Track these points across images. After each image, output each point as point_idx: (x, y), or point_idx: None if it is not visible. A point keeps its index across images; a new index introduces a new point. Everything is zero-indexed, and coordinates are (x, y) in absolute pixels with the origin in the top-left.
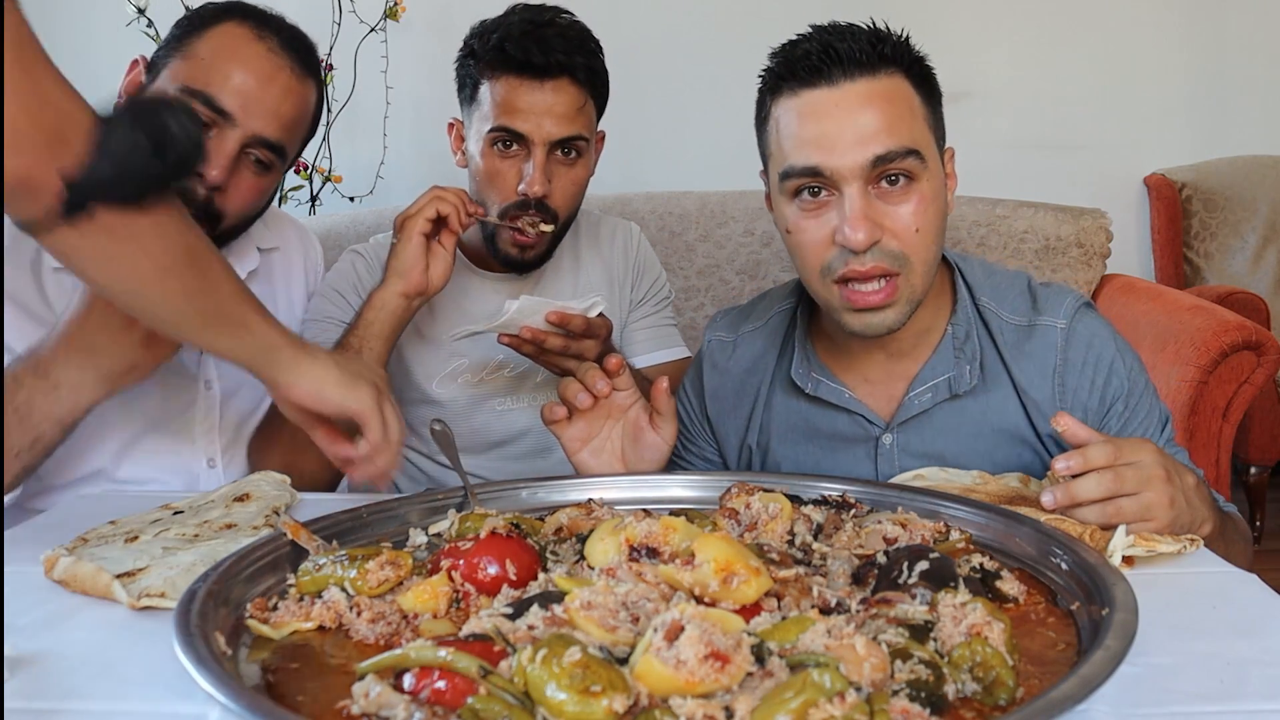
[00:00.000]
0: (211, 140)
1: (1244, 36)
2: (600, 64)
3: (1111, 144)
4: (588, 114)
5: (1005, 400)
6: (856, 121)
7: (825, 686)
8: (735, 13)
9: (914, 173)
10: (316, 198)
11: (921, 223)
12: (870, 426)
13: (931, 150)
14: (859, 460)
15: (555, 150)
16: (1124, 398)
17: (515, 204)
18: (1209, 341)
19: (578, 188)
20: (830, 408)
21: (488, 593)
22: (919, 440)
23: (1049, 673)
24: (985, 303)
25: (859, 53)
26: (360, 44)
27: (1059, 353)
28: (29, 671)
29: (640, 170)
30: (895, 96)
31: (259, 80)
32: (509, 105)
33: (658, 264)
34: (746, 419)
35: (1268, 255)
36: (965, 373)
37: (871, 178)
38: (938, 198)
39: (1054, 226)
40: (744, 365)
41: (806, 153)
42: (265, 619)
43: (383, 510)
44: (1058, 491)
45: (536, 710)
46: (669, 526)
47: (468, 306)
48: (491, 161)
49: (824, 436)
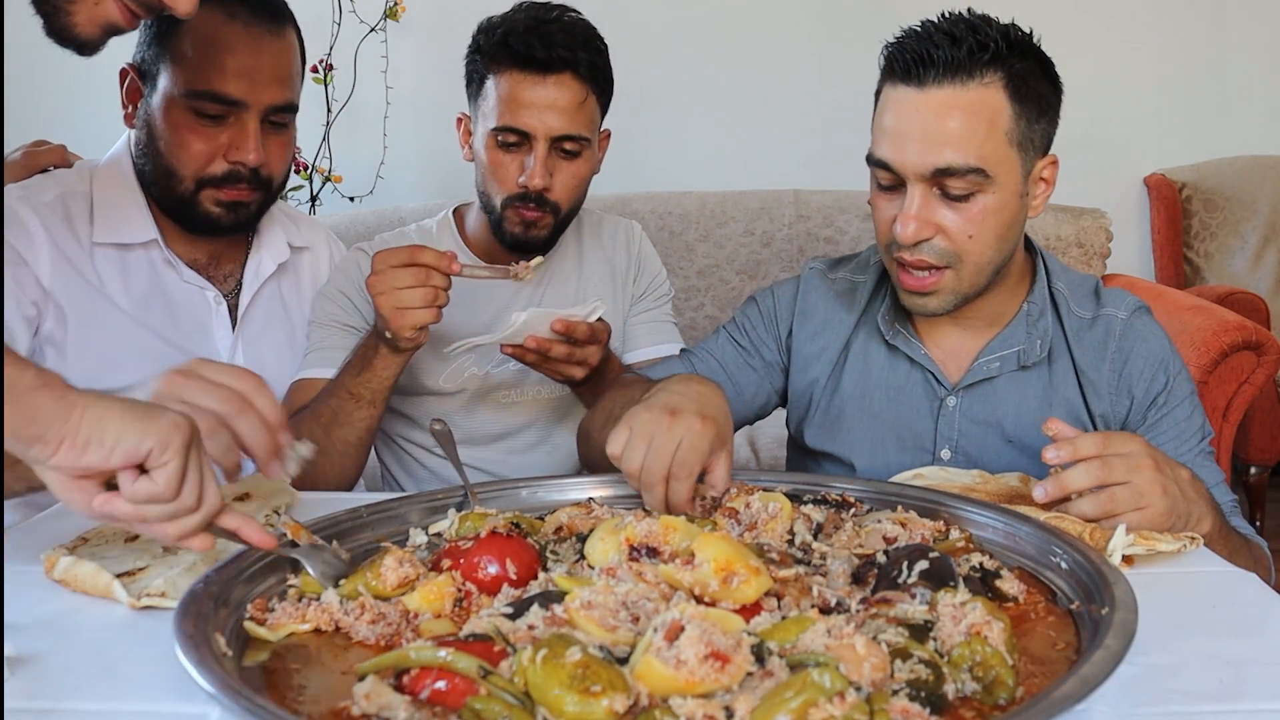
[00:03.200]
0: (234, 128)
1: (1244, 36)
2: (604, 61)
3: (1111, 144)
4: (590, 110)
5: (1066, 379)
6: (930, 128)
7: (825, 686)
8: (736, 13)
9: (978, 186)
10: (316, 198)
11: (977, 230)
12: (938, 386)
13: (1005, 165)
14: (921, 417)
15: (557, 145)
16: (1165, 394)
17: (516, 196)
18: (1209, 341)
19: (579, 181)
20: (904, 359)
21: (488, 592)
22: (981, 407)
23: (1049, 672)
24: (1059, 288)
25: (954, 59)
26: (360, 44)
27: (1116, 340)
28: (29, 671)
29: (640, 170)
30: (979, 109)
31: (250, 58)
32: (512, 100)
33: (658, 261)
34: (829, 349)
35: (1268, 255)
36: (1035, 346)
37: (935, 182)
38: (1003, 209)
39: (1054, 226)
40: (836, 295)
41: (883, 146)
42: (263, 620)
43: (383, 510)
44: (1049, 483)
45: (537, 710)
46: (669, 526)
47: (474, 302)
48: (495, 155)
49: (893, 388)
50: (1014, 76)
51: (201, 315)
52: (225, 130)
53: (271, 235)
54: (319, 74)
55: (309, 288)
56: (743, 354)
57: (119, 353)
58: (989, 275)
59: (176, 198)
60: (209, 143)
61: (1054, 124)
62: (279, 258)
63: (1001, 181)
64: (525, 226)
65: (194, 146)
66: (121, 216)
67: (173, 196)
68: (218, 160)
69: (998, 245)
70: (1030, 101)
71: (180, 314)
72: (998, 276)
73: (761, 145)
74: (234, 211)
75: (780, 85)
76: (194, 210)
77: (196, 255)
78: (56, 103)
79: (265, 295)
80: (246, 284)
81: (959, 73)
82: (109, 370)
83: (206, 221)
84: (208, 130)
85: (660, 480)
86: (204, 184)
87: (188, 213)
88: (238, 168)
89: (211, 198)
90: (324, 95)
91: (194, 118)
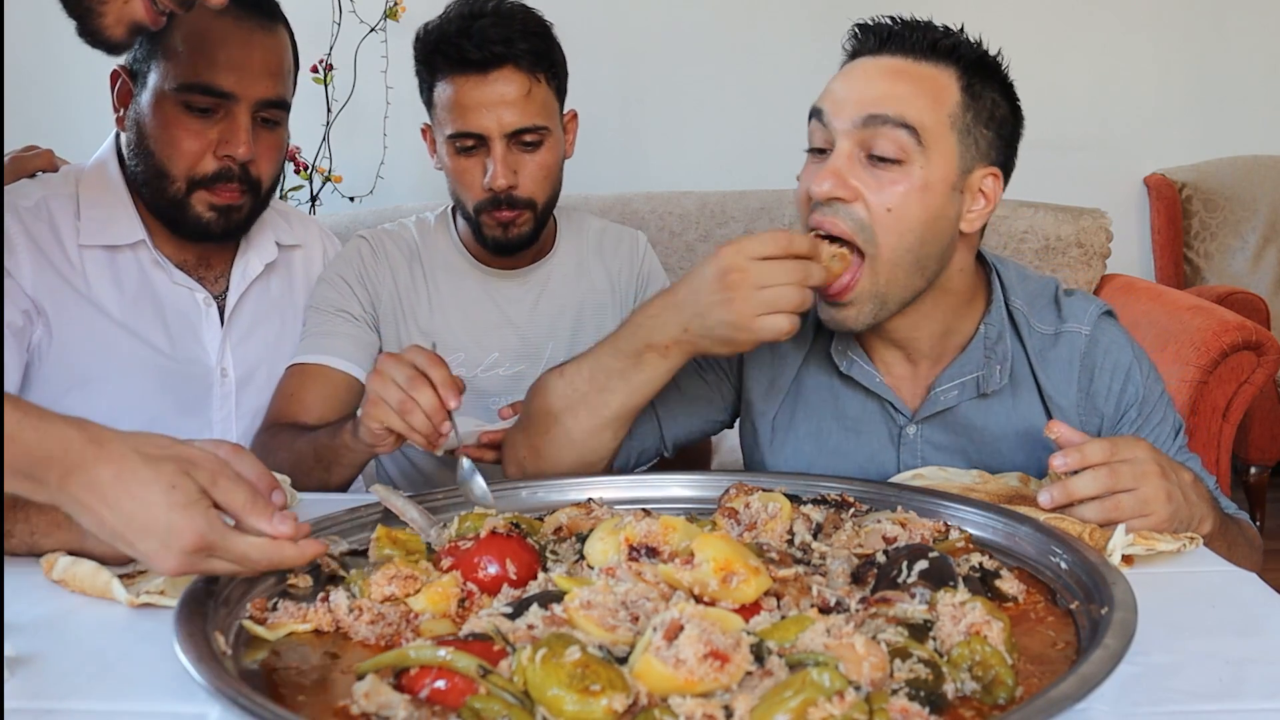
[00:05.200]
0: (224, 121)
1: (1244, 36)
2: (546, 43)
3: (1111, 144)
4: (540, 97)
5: (1031, 404)
6: (871, 84)
7: (824, 685)
8: (735, 13)
9: (906, 152)
10: (316, 198)
11: (898, 205)
12: (896, 415)
13: (940, 144)
14: (882, 447)
15: (515, 139)
16: (1138, 404)
17: (487, 200)
18: (1209, 341)
19: (546, 171)
20: (860, 390)
21: (488, 592)
22: (944, 435)
23: (1048, 671)
24: (1018, 306)
25: (917, 39)
26: (360, 44)
27: (1080, 358)
28: (29, 671)
29: (640, 170)
30: (926, 80)
31: (240, 51)
32: (459, 105)
33: (663, 275)
34: (778, 381)
35: (1268, 255)
36: (995, 373)
37: (863, 138)
38: (929, 192)
39: (1054, 226)
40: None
41: (822, 99)
42: (263, 619)
43: (383, 510)
44: (1055, 489)
45: (536, 709)
46: (669, 526)
47: (469, 306)
48: (457, 162)
49: (850, 418)
50: (968, 73)
51: (191, 317)
52: (215, 125)
53: (260, 236)
54: (319, 74)
55: (301, 286)
56: (698, 369)
57: (103, 359)
58: (907, 276)
59: (168, 199)
60: (199, 138)
61: (1007, 144)
62: (266, 258)
63: (933, 159)
64: (504, 228)
65: (184, 143)
66: (108, 218)
67: (164, 198)
68: (208, 157)
69: (919, 233)
70: (982, 105)
71: (169, 316)
72: (929, 290)
73: (761, 145)
74: (225, 216)
75: (780, 85)
76: (185, 213)
77: (185, 256)
78: (50, 107)
79: (253, 295)
80: (233, 285)
81: (915, 50)
82: (93, 377)
83: (197, 226)
84: (198, 125)
85: None
86: (195, 184)
87: (179, 216)
88: (228, 164)
89: (203, 200)
90: (324, 95)
91: (184, 112)
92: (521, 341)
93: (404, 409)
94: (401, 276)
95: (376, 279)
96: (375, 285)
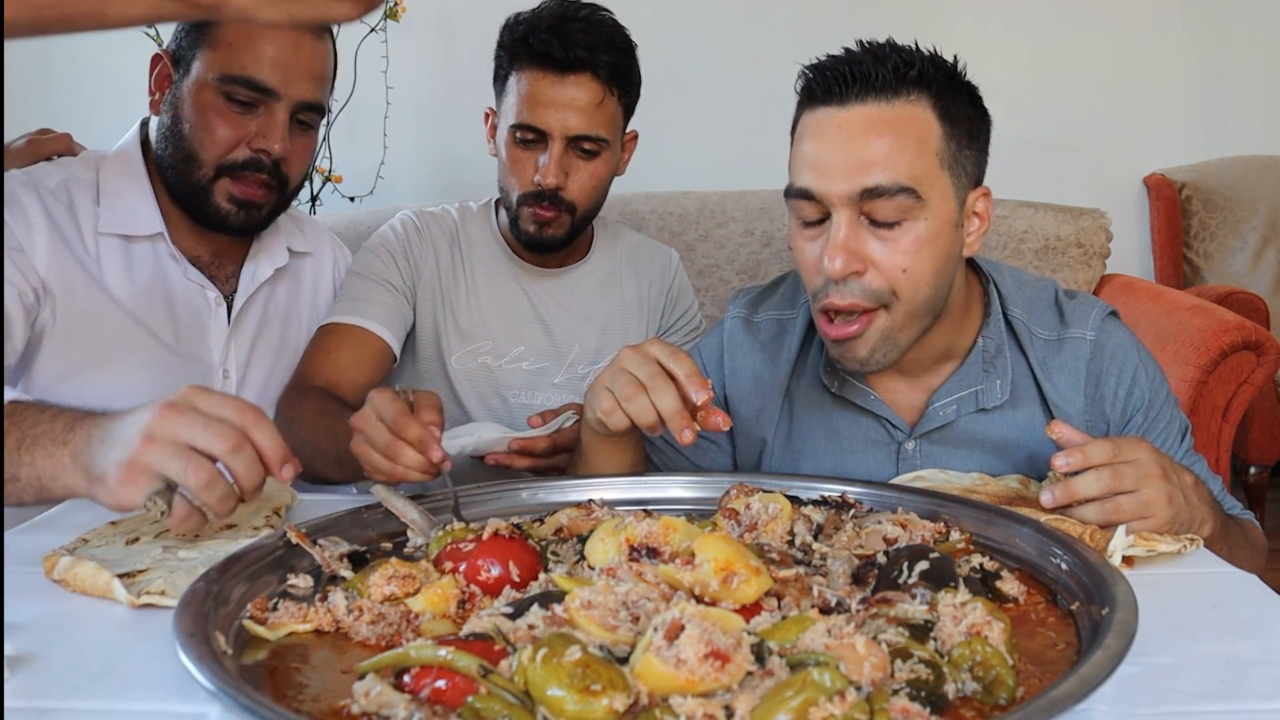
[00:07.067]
0: (263, 117)
1: (1244, 36)
2: (627, 62)
3: (1111, 144)
4: (609, 111)
5: (1034, 416)
6: (855, 147)
7: (825, 685)
8: (736, 14)
9: (909, 211)
10: (316, 198)
11: (912, 263)
12: (894, 431)
13: (938, 189)
14: (881, 464)
15: (575, 144)
16: (1144, 409)
17: (531, 193)
18: (1209, 341)
19: (596, 182)
20: (855, 409)
21: (491, 594)
22: (943, 450)
23: (1049, 672)
24: (1017, 315)
25: (878, 75)
26: (360, 44)
27: (1086, 364)
28: (29, 671)
29: (640, 170)
30: (906, 126)
31: (288, 51)
32: (531, 98)
33: (691, 294)
34: (767, 410)
35: (1268, 255)
36: (995, 387)
37: (863, 208)
38: (938, 238)
39: (1054, 226)
40: (763, 346)
41: (803, 175)
42: (263, 619)
43: (383, 510)
44: (1057, 489)
45: (537, 709)
46: (669, 526)
47: (502, 297)
48: (513, 151)
49: (846, 438)
50: (941, 97)
51: (200, 314)
52: (254, 119)
53: (272, 240)
54: None
55: (309, 294)
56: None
57: (109, 346)
58: (924, 319)
59: (192, 185)
60: (236, 130)
61: (984, 154)
62: (276, 263)
63: (934, 206)
64: (539, 226)
65: (219, 131)
66: (128, 207)
67: (188, 184)
68: (241, 147)
69: (934, 282)
70: (960, 124)
71: (179, 311)
72: (934, 320)
73: (761, 145)
74: (245, 210)
75: (780, 85)
76: (206, 201)
77: (200, 252)
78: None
79: (260, 299)
80: (242, 287)
81: (884, 90)
82: (97, 363)
83: (216, 216)
84: (237, 117)
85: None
86: (222, 171)
87: (199, 203)
88: (260, 156)
89: (225, 190)
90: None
91: (225, 103)
92: (548, 339)
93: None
94: (443, 258)
95: (420, 256)
96: (418, 262)
